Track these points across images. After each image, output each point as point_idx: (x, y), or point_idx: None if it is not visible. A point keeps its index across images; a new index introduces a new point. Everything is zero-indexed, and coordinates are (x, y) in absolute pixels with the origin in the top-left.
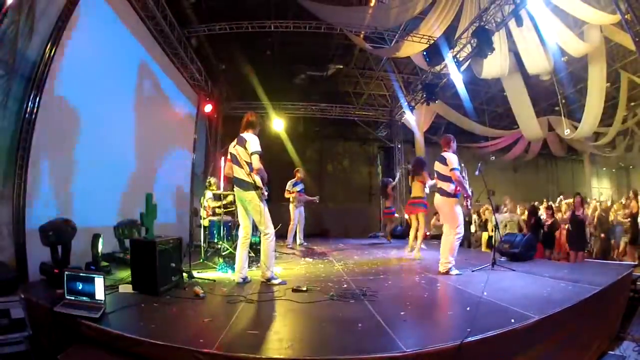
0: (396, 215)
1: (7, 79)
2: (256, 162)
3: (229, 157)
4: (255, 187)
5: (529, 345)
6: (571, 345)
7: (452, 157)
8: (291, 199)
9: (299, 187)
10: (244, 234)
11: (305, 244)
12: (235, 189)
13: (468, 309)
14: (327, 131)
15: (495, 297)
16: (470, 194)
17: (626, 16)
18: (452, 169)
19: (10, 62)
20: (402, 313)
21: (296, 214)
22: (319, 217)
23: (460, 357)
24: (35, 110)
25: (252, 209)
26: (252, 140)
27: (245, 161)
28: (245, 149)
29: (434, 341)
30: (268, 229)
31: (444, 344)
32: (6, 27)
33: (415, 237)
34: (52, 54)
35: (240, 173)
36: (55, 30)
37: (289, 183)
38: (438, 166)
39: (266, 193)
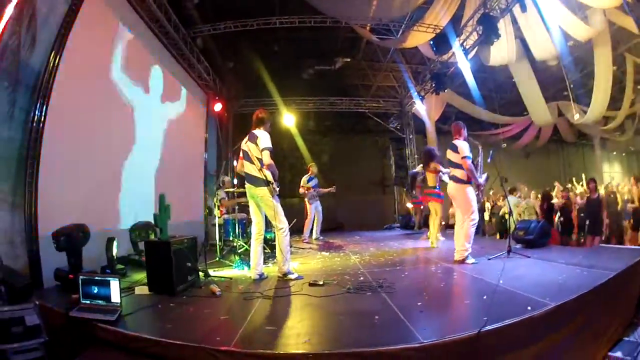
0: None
1: (12, 89)
2: (267, 158)
3: (241, 154)
4: (267, 183)
5: (546, 332)
6: (587, 331)
7: (463, 145)
8: (305, 194)
9: (313, 182)
10: (257, 230)
11: (321, 238)
12: (247, 185)
13: (485, 297)
14: (337, 125)
15: (512, 285)
16: (481, 182)
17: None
18: (463, 157)
19: (14, 73)
20: (419, 304)
21: (312, 209)
22: (334, 212)
23: (477, 347)
24: (42, 119)
25: (265, 204)
26: (263, 137)
27: (257, 157)
28: (257, 145)
29: (451, 331)
30: (282, 223)
31: (461, 334)
32: (8, 38)
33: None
34: (56, 62)
35: (251, 169)
36: (58, 38)
37: (304, 178)
38: (450, 154)
39: (277, 188)
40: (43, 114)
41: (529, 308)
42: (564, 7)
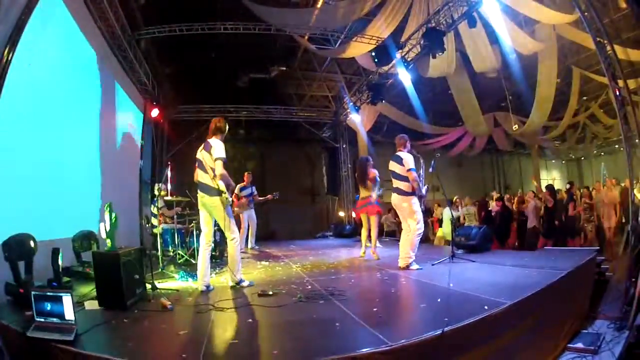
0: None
1: None
2: (219, 168)
3: (196, 163)
4: (219, 193)
5: (506, 328)
6: (545, 326)
7: (408, 157)
8: (235, 204)
9: (246, 192)
10: (206, 241)
11: (256, 247)
12: (200, 194)
13: (439, 300)
14: (269, 133)
15: (463, 288)
16: (423, 193)
17: (585, 14)
18: (409, 169)
19: None
20: (374, 309)
21: (245, 218)
22: (265, 220)
23: (442, 346)
24: None
25: (217, 214)
26: (217, 146)
27: (210, 167)
28: (210, 154)
29: (415, 333)
30: (233, 233)
31: (426, 335)
32: None
33: (368, 237)
34: (9, 57)
35: (205, 178)
36: (14, 31)
37: (237, 188)
38: (394, 165)
39: (230, 199)
40: None
41: (486, 307)
42: (510, 22)
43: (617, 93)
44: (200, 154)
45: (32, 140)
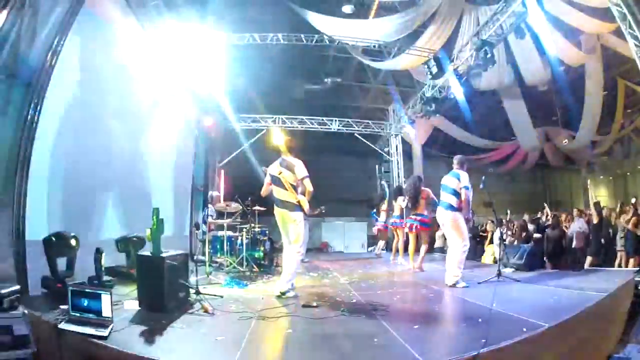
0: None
1: (8, 84)
2: (310, 186)
3: (268, 178)
4: (300, 208)
5: (542, 352)
6: (580, 350)
7: (466, 176)
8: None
9: None
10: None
11: (307, 260)
12: (279, 210)
13: (480, 320)
14: (325, 145)
15: (505, 308)
16: (470, 216)
17: (625, 23)
18: (464, 187)
19: (12, 67)
20: (415, 327)
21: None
22: (318, 232)
23: None
24: (36, 119)
25: (294, 228)
26: (299, 165)
27: (291, 184)
28: (293, 172)
29: (450, 353)
30: (302, 246)
31: (461, 355)
32: (9, 29)
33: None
34: (54, 61)
35: (284, 195)
36: (57, 35)
37: None
38: (449, 180)
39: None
40: (37, 113)
41: (524, 330)
42: (557, 33)
43: None
44: (277, 169)
45: (89, 144)
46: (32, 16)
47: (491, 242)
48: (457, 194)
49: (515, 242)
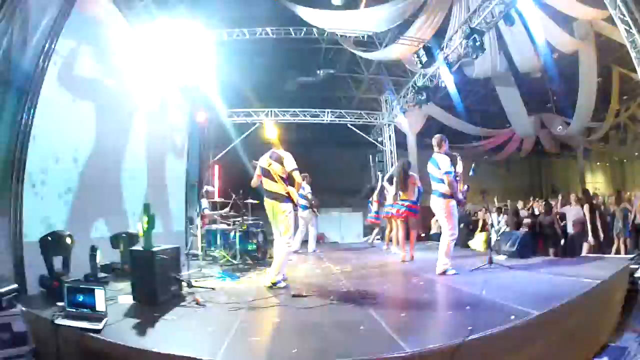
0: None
1: (2, 90)
2: (299, 178)
3: (258, 170)
4: (291, 200)
5: (531, 340)
6: (572, 338)
7: (444, 159)
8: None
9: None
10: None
11: (316, 250)
12: (269, 201)
13: (468, 307)
14: (319, 136)
15: (494, 295)
16: (461, 198)
17: (616, 10)
18: (445, 172)
19: (5, 74)
20: (402, 315)
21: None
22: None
23: (462, 355)
24: (30, 122)
25: (283, 219)
26: (288, 157)
27: (280, 176)
28: (282, 165)
29: (435, 341)
30: (291, 237)
31: (446, 343)
32: (0, 37)
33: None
34: (46, 64)
35: (274, 187)
36: (48, 40)
37: (306, 189)
38: (431, 168)
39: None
40: (31, 117)
41: (513, 317)
42: (550, 20)
43: None
44: (267, 162)
45: (82, 143)
46: (23, 23)
47: (482, 229)
48: (442, 180)
49: (508, 229)
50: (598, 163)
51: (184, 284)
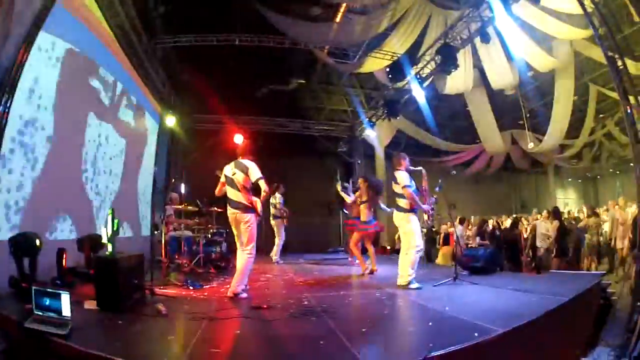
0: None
1: None
2: (265, 186)
3: (222, 179)
4: (254, 211)
5: (494, 358)
6: (540, 356)
7: (402, 175)
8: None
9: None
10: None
11: (281, 261)
12: (232, 210)
13: (430, 324)
14: (287, 146)
15: (458, 312)
16: (426, 208)
17: (599, 30)
18: (403, 186)
19: None
20: (363, 330)
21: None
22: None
23: None
24: (6, 115)
25: (246, 229)
26: (253, 167)
27: (244, 186)
28: (247, 175)
29: (396, 358)
30: (253, 248)
31: None
32: None
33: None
34: (24, 59)
35: (237, 196)
36: (29, 34)
37: (277, 198)
38: (394, 185)
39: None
40: (6, 110)
41: (476, 334)
42: (528, 38)
43: (629, 110)
44: (232, 171)
45: (56, 143)
46: (4, 17)
47: (445, 243)
48: (404, 195)
49: (472, 244)
50: (570, 179)
51: (147, 291)
